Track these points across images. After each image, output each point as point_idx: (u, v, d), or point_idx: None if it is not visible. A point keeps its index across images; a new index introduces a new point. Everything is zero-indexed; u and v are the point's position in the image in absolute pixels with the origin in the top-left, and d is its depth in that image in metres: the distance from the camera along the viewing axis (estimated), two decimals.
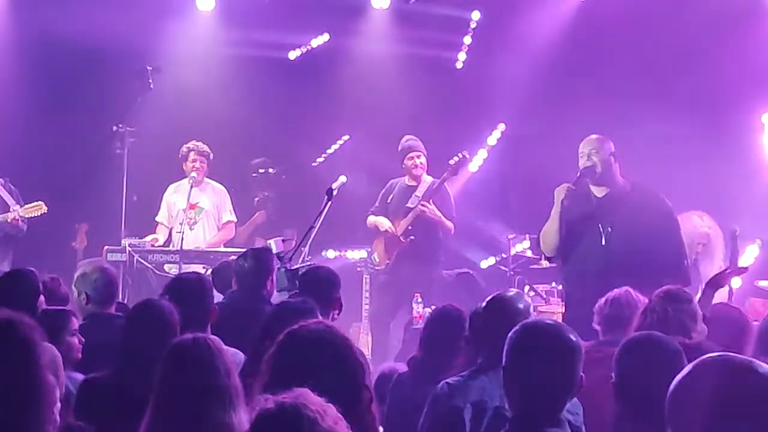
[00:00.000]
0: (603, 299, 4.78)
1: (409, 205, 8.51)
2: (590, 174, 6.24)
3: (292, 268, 6.21)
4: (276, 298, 5.96)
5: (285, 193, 10.15)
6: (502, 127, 10.19)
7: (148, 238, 8.73)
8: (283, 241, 6.56)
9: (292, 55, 10.73)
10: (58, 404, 2.70)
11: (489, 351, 4.04)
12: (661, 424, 3.32)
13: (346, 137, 10.65)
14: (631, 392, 3.38)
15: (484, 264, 9.72)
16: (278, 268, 6.11)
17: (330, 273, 5.53)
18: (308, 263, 6.54)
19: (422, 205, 8.31)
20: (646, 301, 4.66)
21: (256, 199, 10.03)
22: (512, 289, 4.40)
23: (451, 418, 3.93)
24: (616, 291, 4.78)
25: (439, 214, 8.37)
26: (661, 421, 3.33)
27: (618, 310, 4.68)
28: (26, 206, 8.41)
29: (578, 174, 6.28)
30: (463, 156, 8.50)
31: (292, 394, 2.32)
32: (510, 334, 3.14)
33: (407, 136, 8.72)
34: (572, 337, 3.09)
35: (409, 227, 8.45)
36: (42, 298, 4.75)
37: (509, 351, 3.10)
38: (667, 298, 4.46)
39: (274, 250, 6.34)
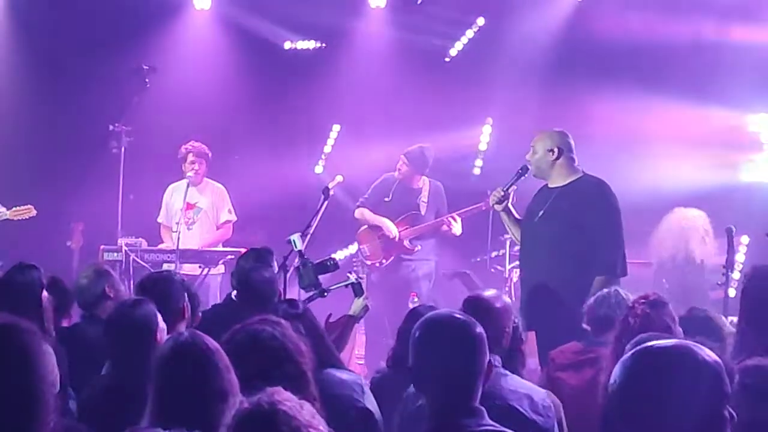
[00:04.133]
0: (592, 299, 4.77)
1: (421, 213, 8.51)
2: (524, 172, 6.56)
3: (317, 263, 5.97)
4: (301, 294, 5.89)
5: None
6: (490, 121, 10.16)
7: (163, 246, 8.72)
8: (302, 236, 6.26)
9: (287, 45, 10.72)
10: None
11: None
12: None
13: (337, 127, 10.63)
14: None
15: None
16: (303, 264, 5.92)
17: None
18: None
19: (450, 219, 8.37)
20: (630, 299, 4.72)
21: None
22: (491, 289, 4.36)
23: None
24: (605, 291, 4.76)
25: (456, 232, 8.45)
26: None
27: (607, 310, 4.68)
28: (15, 209, 8.42)
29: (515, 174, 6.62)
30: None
31: (265, 393, 2.37)
32: (413, 331, 3.14)
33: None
34: (472, 326, 3.10)
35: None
36: (45, 293, 4.71)
37: (413, 347, 3.11)
38: (648, 304, 4.48)
39: (298, 247, 6.06)
